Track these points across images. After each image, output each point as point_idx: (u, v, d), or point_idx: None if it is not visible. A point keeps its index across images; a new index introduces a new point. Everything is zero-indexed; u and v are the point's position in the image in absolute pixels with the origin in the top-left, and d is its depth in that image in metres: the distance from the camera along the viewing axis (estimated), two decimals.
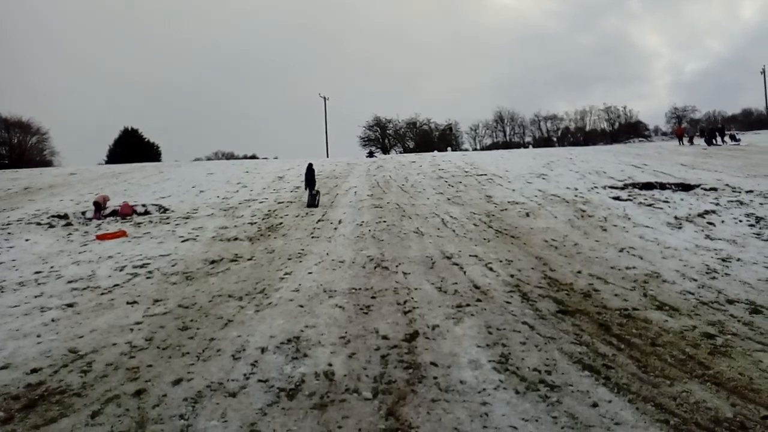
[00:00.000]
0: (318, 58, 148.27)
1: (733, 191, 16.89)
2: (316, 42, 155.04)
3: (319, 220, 15.93)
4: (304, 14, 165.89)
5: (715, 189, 17.34)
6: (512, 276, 9.87)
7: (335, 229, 14.70)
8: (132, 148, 58.49)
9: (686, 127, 60.36)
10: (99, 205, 17.87)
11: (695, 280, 9.54)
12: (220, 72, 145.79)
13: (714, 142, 36.34)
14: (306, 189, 19.51)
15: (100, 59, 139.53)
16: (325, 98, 62.06)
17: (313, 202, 18.74)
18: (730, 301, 8.37)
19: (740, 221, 13.58)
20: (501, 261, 10.90)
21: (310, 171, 19.71)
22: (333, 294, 9.07)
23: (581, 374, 5.83)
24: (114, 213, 17.98)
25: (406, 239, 13.10)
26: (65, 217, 17.60)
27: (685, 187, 17.93)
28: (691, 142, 38.59)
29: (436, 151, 46.84)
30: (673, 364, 6.11)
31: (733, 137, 44.23)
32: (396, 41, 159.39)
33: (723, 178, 19.44)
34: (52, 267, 11.69)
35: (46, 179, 27.86)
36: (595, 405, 5.10)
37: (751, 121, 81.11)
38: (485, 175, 23.40)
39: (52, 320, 8.24)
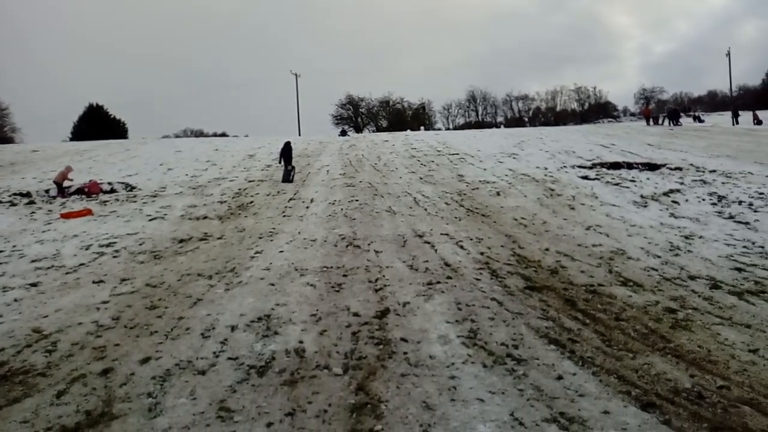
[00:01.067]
0: (292, 32, 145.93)
1: (697, 171, 17.32)
2: (290, 14, 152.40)
3: (290, 199, 15.81)
4: None
5: (680, 168, 17.75)
6: (482, 254, 9.98)
7: (307, 207, 14.62)
8: (97, 124, 56.88)
9: (653, 107, 62.75)
10: (60, 185, 17.34)
11: (659, 256, 9.79)
12: (189, 46, 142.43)
13: (673, 122, 37.97)
14: (281, 163, 19.57)
15: (62, 28, 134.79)
16: (296, 75, 61.00)
17: (288, 177, 18.88)
18: (692, 277, 8.62)
19: (703, 200, 13.95)
20: (471, 239, 11.01)
21: (287, 148, 19.66)
22: (304, 272, 9.04)
23: (547, 348, 5.96)
24: (80, 191, 17.52)
25: (378, 218, 13.12)
26: (28, 195, 17.08)
27: (652, 167, 18.31)
28: (656, 122, 40.00)
29: (409, 130, 46.78)
30: (636, 337, 6.28)
31: (697, 118, 46.33)
32: (371, 14, 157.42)
33: (688, 158, 19.92)
34: (14, 246, 11.36)
35: (6, 156, 26.92)
36: (560, 378, 5.22)
37: (716, 102, 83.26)
38: (457, 154, 23.48)
39: (15, 300, 8.03)
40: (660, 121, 40.25)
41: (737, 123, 44.14)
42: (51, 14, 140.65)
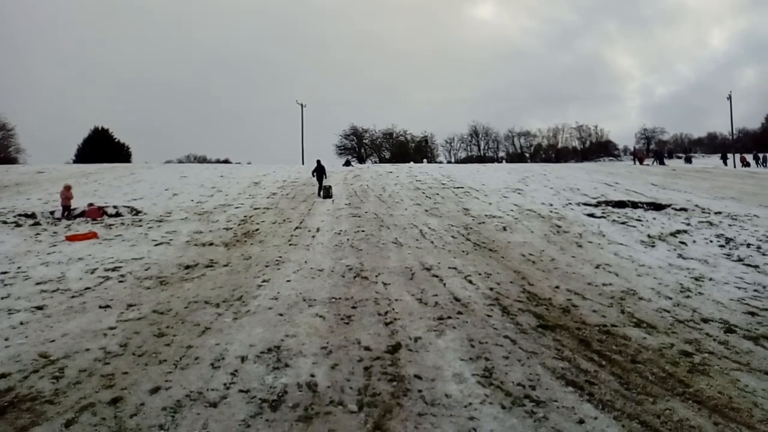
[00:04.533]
0: (298, 63, 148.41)
1: (703, 212, 17.34)
2: (298, 47, 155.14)
3: (296, 228, 15.77)
4: (288, 19, 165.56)
5: (685, 209, 17.78)
6: (492, 289, 9.89)
7: (313, 237, 14.56)
8: (102, 148, 57.34)
9: (640, 147, 68.61)
10: (67, 207, 17.33)
11: (670, 298, 9.70)
12: (195, 74, 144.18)
13: (658, 163, 42.56)
14: (313, 176, 22.45)
15: (69, 50, 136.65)
16: (302, 105, 61.64)
17: (328, 193, 21.22)
18: (705, 320, 8.52)
19: (711, 241, 13.91)
20: (480, 274, 10.92)
21: (320, 166, 22.50)
22: (313, 303, 8.94)
23: (565, 390, 5.84)
24: (83, 214, 17.49)
25: (384, 249, 13.05)
26: (33, 216, 17.05)
27: (657, 207, 18.35)
28: (641, 161, 42.47)
29: (412, 162, 47.09)
30: (654, 381, 6.16)
31: (688, 160, 50.58)
32: (378, 51, 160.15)
33: (692, 199, 19.97)
34: (19, 267, 11.26)
35: (12, 177, 26.98)
36: (581, 422, 5.10)
37: (716, 144, 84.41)
38: (462, 187, 23.55)
39: (21, 323, 7.91)
40: (647, 162, 43.24)
41: (726, 165, 45.92)
42: (57, 39, 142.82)
